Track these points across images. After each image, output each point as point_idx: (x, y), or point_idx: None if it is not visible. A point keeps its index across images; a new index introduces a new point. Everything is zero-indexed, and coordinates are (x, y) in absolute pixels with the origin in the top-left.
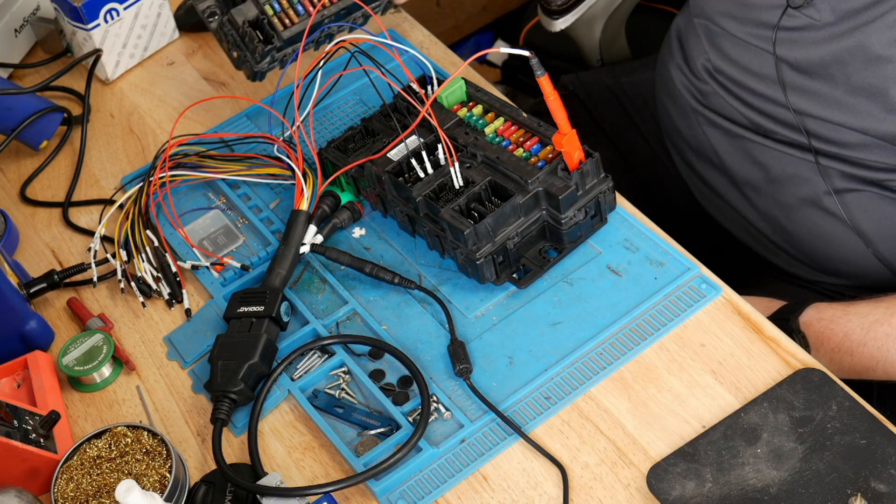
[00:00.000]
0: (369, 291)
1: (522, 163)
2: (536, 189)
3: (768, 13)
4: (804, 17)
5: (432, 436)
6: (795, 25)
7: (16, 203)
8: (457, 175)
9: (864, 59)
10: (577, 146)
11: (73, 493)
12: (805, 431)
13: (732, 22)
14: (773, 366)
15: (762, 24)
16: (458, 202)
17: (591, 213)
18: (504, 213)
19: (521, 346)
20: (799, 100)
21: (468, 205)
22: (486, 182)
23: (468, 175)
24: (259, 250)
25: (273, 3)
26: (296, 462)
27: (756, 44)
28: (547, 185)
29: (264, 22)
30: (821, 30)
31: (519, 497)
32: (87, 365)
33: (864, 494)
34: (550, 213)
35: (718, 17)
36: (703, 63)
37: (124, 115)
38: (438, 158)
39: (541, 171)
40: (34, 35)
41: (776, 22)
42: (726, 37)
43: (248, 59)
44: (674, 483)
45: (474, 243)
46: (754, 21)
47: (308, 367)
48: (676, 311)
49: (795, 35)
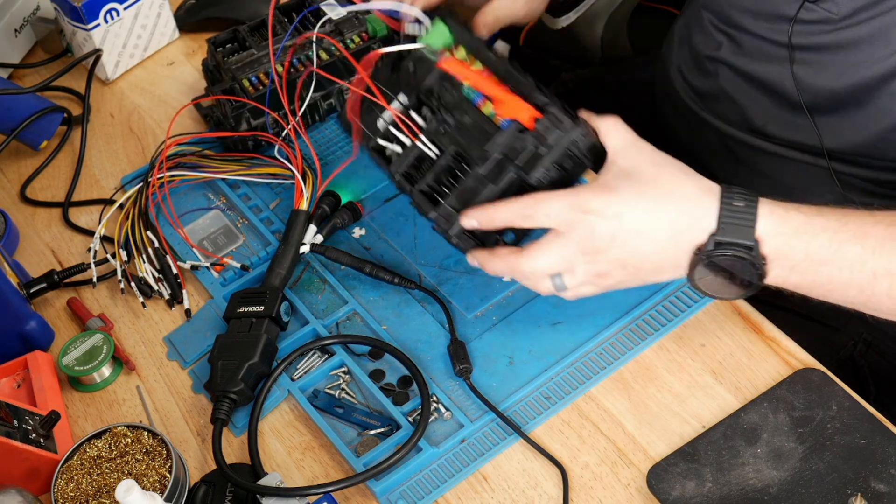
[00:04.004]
0: (369, 291)
1: (485, 125)
2: (495, 155)
3: (786, 6)
4: (822, 10)
5: (432, 436)
6: (813, 19)
7: (16, 203)
8: (428, 147)
9: (884, 43)
10: (521, 107)
11: (73, 493)
12: (805, 431)
13: (747, 15)
14: (773, 366)
15: (779, 17)
16: (427, 180)
17: (567, 164)
18: (467, 188)
19: (521, 346)
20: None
21: (438, 180)
22: (453, 152)
23: (441, 143)
24: (259, 250)
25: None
26: (296, 462)
27: (771, 37)
28: (505, 150)
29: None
30: (838, 23)
31: (519, 497)
32: (87, 365)
33: (864, 494)
34: (520, 177)
35: (731, 10)
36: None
37: (124, 115)
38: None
39: (500, 135)
40: (34, 35)
41: (794, 15)
42: (740, 29)
43: None
44: (674, 483)
45: (445, 223)
46: (771, 14)
47: (308, 367)
48: (676, 311)
49: (812, 28)
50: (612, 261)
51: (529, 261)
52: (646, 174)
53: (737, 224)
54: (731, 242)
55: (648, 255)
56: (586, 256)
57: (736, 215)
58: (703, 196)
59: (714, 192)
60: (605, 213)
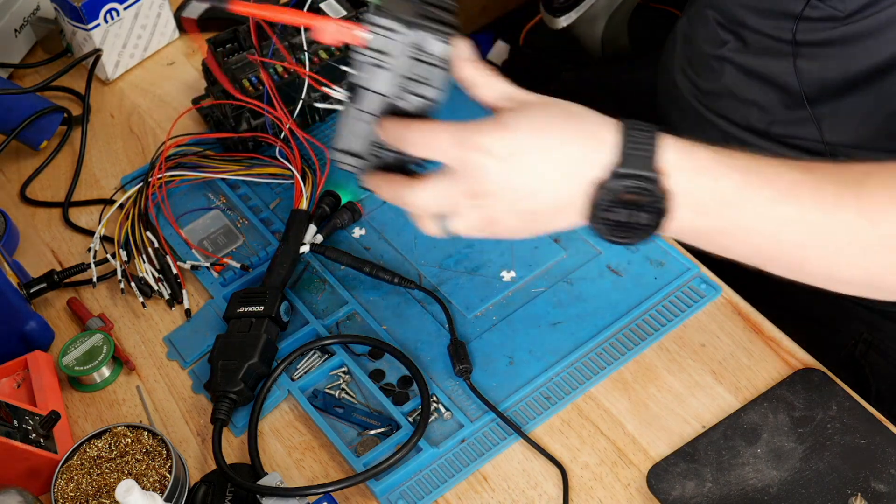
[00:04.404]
0: (369, 291)
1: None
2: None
3: (792, 4)
4: (828, 7)
5: (432, 436)
6: (818, 16)
7: (16, 203)
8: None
9: (892, 31)
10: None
11: (73, 493)
12: (805, 431)
13: (752, 13)
14: (773, 366)
15: (785, 14)
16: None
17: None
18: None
19: (521, 346)
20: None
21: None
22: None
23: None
24: (259, 250)
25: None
26: (296, 462)
27: (776, 34)
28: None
29: None
30: (844, 19)
31: (519, 497)
32: (87, 365)
33: (864, 494)
34: (383, 99)
35: (737, 9)
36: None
37: (124, 115)
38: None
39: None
40: (34, 35)
41: (799, 12)
42: (745, 27)
43: None
44: (674, 483)
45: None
46: (776, 12)
47: (308, 367)
48: (676, 311)
49: (817, 25)
50: (503, 206)
51: (412, 194)
52: (540, 111)
53: (639, 154)
54: (630, 174)
55: (543, 197)
56: (475, 200)
57: (637, 146)
58: (602, 129)
59: (613, 125)
60: (497, 153)
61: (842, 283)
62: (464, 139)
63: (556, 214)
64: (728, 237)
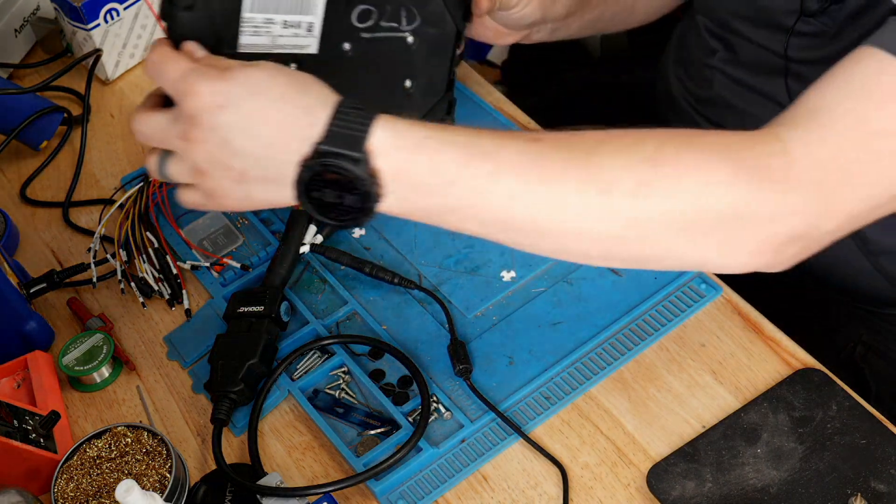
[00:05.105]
0: (369, 291)
1: None
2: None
3: (784, 17)
4: (818, 23)
5: (432, 436)
6: (809, 31)
7: (16, 203)
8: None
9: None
10: None
11: (73, 493)
12: (805, 431)
13: (746, 23)
14: (773, 366)
15: (777, 27)
16: None
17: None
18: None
19: (521, 346)
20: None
21: None
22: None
23: None
24: (259, 250)
25: None
26: (296, 462)
27: (768, 46)
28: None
29: None
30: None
31: (519, 497)
32: (87, 365)
33: (864, 494)
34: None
35: (730, 18)
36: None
37: (124, 115)
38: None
39: None
40: (34, 35)
41: (791, 26)
42: (737, 35)
43: None
44: (674, 483)
45: None
46: (769, 24)
47: (308, 367)
48: (676, 311)
49: (808, 41)
50: (210, 158)
51: (138, 118)
52: (266, 72)
53: (345, 133)
54: (335, 152)
55: (251, 161)
56: (184, 142)
57: (346, 125)
58: (318, 105)
59: (330, 103)
60: (208, 100)
61: (579, 255)
62: (187, 76)
63: (266, 185)
64: (457, 214)
